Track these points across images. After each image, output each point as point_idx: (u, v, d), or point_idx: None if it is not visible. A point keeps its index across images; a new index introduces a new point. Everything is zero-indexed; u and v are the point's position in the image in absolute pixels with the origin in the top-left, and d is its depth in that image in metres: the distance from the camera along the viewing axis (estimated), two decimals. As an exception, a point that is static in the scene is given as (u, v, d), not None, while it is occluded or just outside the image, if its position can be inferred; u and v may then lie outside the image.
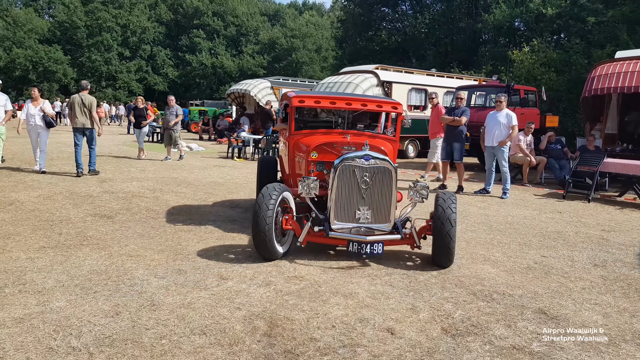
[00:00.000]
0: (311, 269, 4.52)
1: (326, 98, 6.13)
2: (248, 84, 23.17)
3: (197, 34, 58.37)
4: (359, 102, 6.09)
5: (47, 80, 52.12)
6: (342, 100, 6.09)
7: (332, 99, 6.12)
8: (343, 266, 4.67)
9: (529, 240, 6.17)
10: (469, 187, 10.44)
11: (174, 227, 6.01)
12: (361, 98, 6.30)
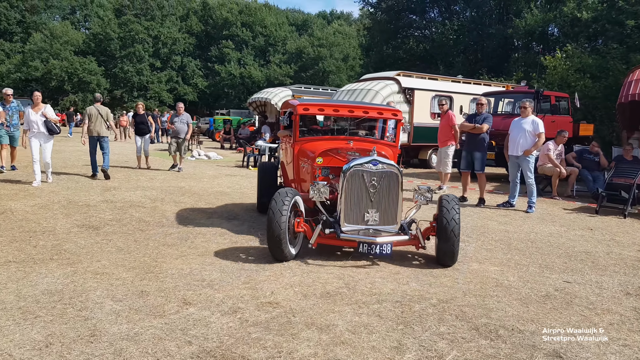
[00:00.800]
0: (290, 293, 3.97)
1: (329, 106, 6.38)
2: (269, 92, 22.89)
3: (226, 45, 58.86)
4: (360, 110, 6.30)
5: (82, 91, 53.35)
6: (344, 107, 6.32)
7: (335, 106, 6.36)
8: (330, 290, 4.10)
9: (552, 261, 5.45)
10: (492, 200, 9.71)
11: (158, 240, 5.57)
12: (363, 106, 6.46)
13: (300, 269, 4.64)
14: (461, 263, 5.16)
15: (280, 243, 4.65)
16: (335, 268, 4.73)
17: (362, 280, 4.41)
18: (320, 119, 8.13)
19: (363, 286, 4.25)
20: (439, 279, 4.57)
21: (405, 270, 4.79)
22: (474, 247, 5.95)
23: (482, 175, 9.27)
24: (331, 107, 6.38)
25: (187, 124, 12.64)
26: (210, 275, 4.33)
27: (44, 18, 59.76)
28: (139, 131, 12.92)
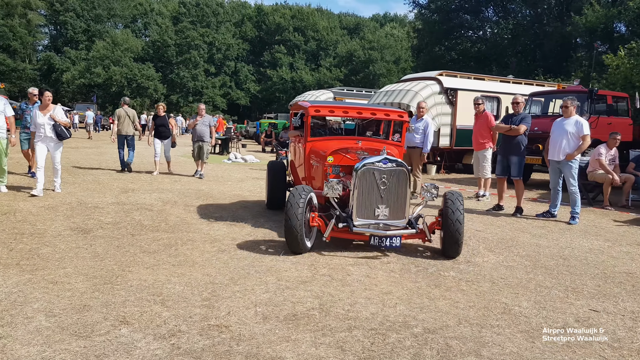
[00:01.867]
0: (249, 315, 3.45)
1: (339, 108, 6.77)
2: (311, 94, 22.55)
3: (279, 50, 59.38)
4: (368, 111, 6.76)
5: (140, 96, 55.41)
6: (353, 109, 6.73)
7: (345, 108, 6.77)
8: (298, 312, 3.55)
9: (583, 283, 4.63)
10: (533, 209, 8.80)
11: (141, 247, 5.21)
12: (370, 108, 6.91)
13: (276, 285, 4.12)
14: (470, 283, 4.46)
15: (297, 235, 4.90)
16: (316, 286, 4.17)
17: (342, 300, 3.83)
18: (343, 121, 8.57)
19: (340, 308, 3.67)
20: (435, 302, 3.91)
21: (399, 290, 4.16)
22: (493, 263, 5.20)
23: (519, 182, 8.38)
24: (341, 108, 6.74)
25: (209, 126, 11.84)
26: (171, 289, 3.89)
27: (108, 27, 62.60)
28: (158, 134, 11.88)
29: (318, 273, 4.52)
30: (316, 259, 4.99)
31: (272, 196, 7.63)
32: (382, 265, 4.89)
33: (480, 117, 9.94)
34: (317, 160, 6.24)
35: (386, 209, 5.10)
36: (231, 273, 4.39)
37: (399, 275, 4.60)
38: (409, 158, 9.89)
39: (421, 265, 4.96)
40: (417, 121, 9.91)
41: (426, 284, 4.38)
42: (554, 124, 8.10)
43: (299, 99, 23.08)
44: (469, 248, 5.80)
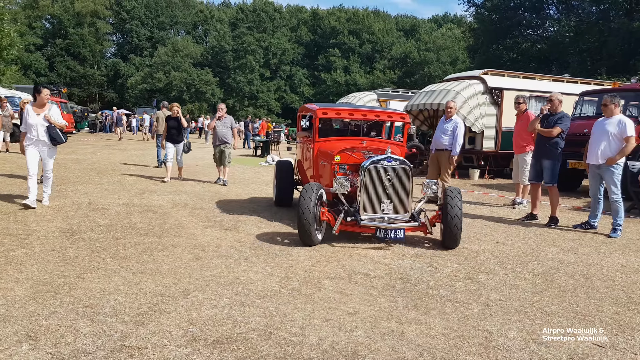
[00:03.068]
0: (171, 334, 3.06)
1: (345, 110, 7.25)
2: (354, 97, 22.08)
3: (333, 53, 59.27)
4: (372, 114, 7.14)
5: (198, 100, 57.02)
6: (358, 112, 7.09)
7: (351, 111, 7.20)
8: (238, 333, 3.13)
9: (598, 310, 3.90)
10: (575, 219, 7.91)
11: (116, 251, 4.98)
12: (375, 110, 7.33)
13: (230, 300, 3.71)
14: (459, 304, 3.87)
15: (310, 227, 5.22)
16: (275, 302, 3.73)
17: (294, 321, 3.37)
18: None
19: (286, 330, 3.21)
20: (404, 327, 3.37)
21: (368, 311, 3.64)
22: (497, 281, 4.54)
23: (553, 189, 7.53)
24: (347, 111, 7.21)
25: (230, 128, 10.77)
26: (111, 300, 3.59)
27: (170, 34, 65.04)
28: (170, 137, 10.80)
29: (286, 287, 4.08)
30: (295, 269, 4.55)
31: (279, 194, 8.05)
32: (365, 280, 4.38)
33: (521, 118, 9.13)
34: (325, 160, 6.53)
35: (391, 204, 5.46)
36: (189, 284, 4.03)
37: (378, 292, 4.08)
38: (437, 161, 9.22)
39: (410, 281, 4.40)
40: (445, 122, 9.21)
41: (405, 303, 3.83)
42: (594, 125, 7.21)
43: (343, 101, 22.69)
44: (477, 263, 5.16)
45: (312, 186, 5.46)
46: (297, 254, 5.14)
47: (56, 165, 12.57)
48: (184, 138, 11.04)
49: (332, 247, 5.48)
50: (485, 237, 6.46)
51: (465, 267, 4.98)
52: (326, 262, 4.91)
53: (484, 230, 6.88)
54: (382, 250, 5.46)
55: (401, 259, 5.15)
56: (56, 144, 7.21)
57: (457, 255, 5.42)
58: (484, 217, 7.95)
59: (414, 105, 15.52)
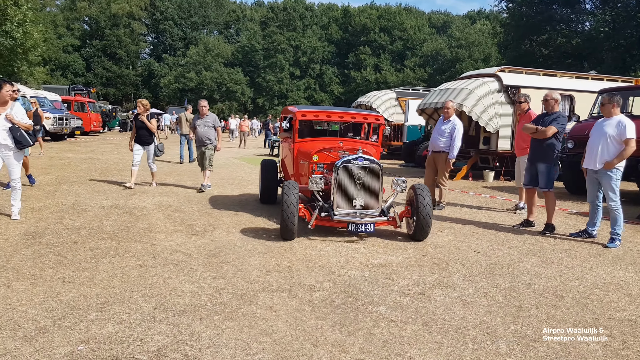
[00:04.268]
0: (52, 356, 2.89)
1: (323, 112, 7.53)
2: (372, 95, 21.69)
3: (364, 51, 58.74)
4: (349, 115, 7.52)
5: (228, 99, 57.62)
6: (336, 114, 7.50)
7: (328, 113, 7.52)
8: (128, 355, 2.93)
9: (548, 335, 3.51)
10: (579, 225, 7.39)
11: (61, 257, 4.87)
12: (351, 112, 7.63)
13: (141, 315, 3.52)
14: (395, 323, 3.56)
15: (292, 224, 5.60)
16: (189, 319, 3.52)
17: (198, 340, 3.14)
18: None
19: (183, 353, 2.99)
20: (317, 350, 3.09)
21: (288, 330, 3.38)
22: (452, 297, 4.18)
23: (549, 194, 7.04)
24: (324, 113, 7.50)
25: (214, 128, 9.71)
26: (12, 315, 3.44)
27: (203, 34, 65.94)
28: (138, 139, 9.63)
29: (215, 301, 3.86)
30: (237, 280, 4.33)
31: (264, 192, 8.37)
32: (306, 294, 4.11)
33: (523, 118, 8.62)
34: (304, 159, 6.90)
35: (362, 200, 5.89)
36: (113, 295, 3.87)
37: (311, 308, 3.80)
38: (434, 163, 8.83)
39: (354, 295, 4.11)
40: (443, 123, 8.81)
41: (333, 322, 3.55)
42: (593, 126, 6.68)
43: (362, 100, 22.32)
44: (442, 275, 4.80)
45: (292, 186, 5.79)
46: (250, 263, 4.92)
47: (64, 165, 12.87)
48: (155, 140, 9.85)
49: (293, 255, 5.24)
50: (467, 245, 6.07)
51: (425, 279, 4.64)
52: (276, 272, 4.67)
53: (469, 238, 6.48)
54: (343, 261, 5.17)
55: (359, 270, 4.85)
56: (22, 147, 6.37)
57: (423, 266, 5.08)
58: (477, 223, 7.52)
59: (427, 104, 15.06)
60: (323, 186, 5.98)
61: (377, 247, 5.80)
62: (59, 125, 21.59)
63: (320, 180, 5.95)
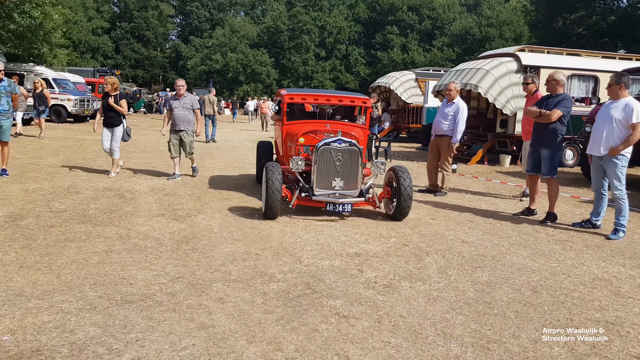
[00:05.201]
0: None
1: (311, 95, 7.50)
2: (391, 77, 21.15)
3: (391, 31, 57.44)
4: (336, 98, 7.48)
5: (254, 81, 57.48)
6: (323, 97, 7.46)
7: (316, 96, 7.49)
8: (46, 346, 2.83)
9: (515, 335, 3.26)
10: (580, 215, 6.99)
11: (31, 241, 4.83)
12: (338, 95, 7.61)
13: (81, 304, 3.43)
14: (345, 319, 3.36)
15: (275, 203, 5.80)
16: (130, 310, 3.40)
17: (123, 334, 3.02)
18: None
19: (104, 346, 2.87)
20: (251, 346, 2.93)
21: (229, 323, 3.23)
22: (420, 291, 3.95)
23: (552, 182, 6.65)
24: (312, 96, 7.49)
25: (192, 110, 8.68)
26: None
27: (229, 15, 65.75)
28: (105, 120, 8.74)
29: (165, 290, 3.74)
30: (198, 268, 4.20)
31: (260, 171, 8.37)
32: (264, 285, 3.94)
33: (530, 100, 8.14)
34: (291, 141, 6.96)
35: (341, 181, 6.06)
36: (62, 282, 3.79)
37: (262, 300, 3.64)
38: (437, 148, 8.50)
39: (314, 287, 3.93)
40: (446, 105, 8.44)
41: (280, 316, 3.37)
42: (600, 109, 6.24)
43: (380, 81, 21.82)
44: (417, 267, 4.57)
45: (275, 167, 6.00)
46: (219, 250, 4.79)
47: (75, 147, 13.00)
48: (123, 122, 8.88)
49: (268, 242, 5.09)
50: (456, 235, 5.79)
51: (397, 271, 4.41)
52: (242, 260, 4.52)
53: (461, 227, 6.19)
54: (317, 249, 4.98)
55: (330, 260, 4.66)
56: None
57: (400, 257, 4.84)
58: (476, 210, 7.20)
59: (443, 85, 14.54)
60: (303, 167, 6.12)
61: (360, 235, 5.59)
62: (80, 107, 21.88)
63: (301, 161, 6.10)
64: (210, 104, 16.79)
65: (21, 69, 22.00)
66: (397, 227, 6.01)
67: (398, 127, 21.00)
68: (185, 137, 8.72)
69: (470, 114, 15.61)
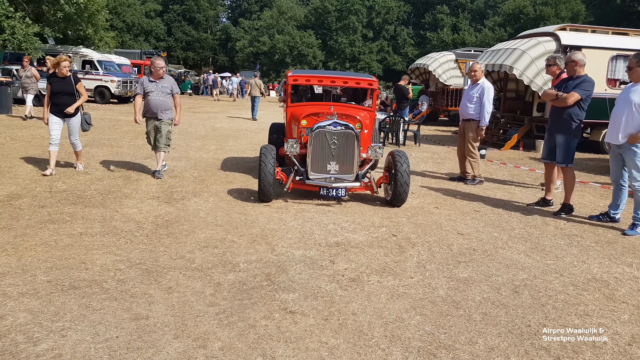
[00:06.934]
0: None
1: (315, 77, 7.39)
2: (429, 57, 20.39)
3: (441, 10, 55.59)
4: (341, 80, 7.20)
5: (300, 63, 57.27)
6: (327, 78, 7.27)
7: (320, 77, 7.35)
8: None
9: (471, 341, 2.97)
10: (597, 208, 6.45)
11: (13, 222, 4.89)
12: (343, 77, 7.24)
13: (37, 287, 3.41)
14: (289, 315, 3.17)
15: (268, 188, 5.77)
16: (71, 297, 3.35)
17: (48, 322, 2.97)
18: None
19: (24, 334, 2.82)
20: (168, 346, 2.80)
21: (163, 316, 3.11)
22: (387, 285, 3.69)
23: (567, 170, 6.14)
24: (316, 77, 7.37)
25: (171, 95, 7.25)
26: None
27: (277, -3, 65.54)
28: (56, 108, 7.12)
29: (116, 277, 3.68)
30: (164, 254, 4.12)
31: None
32: (224, 275, 3.81)
33: (554, 83, 7.53)
34: (294, 123, 6.87)
35: (336, 165, 5.92)
36: (19, 266, 3.78)
37: (212, 292, 3.50)
38: (464, 132, 7.99)
39: (274, 279, 3.75)
40: (471, 87, 7.94)
41: (222, 309, 3.23)
42: (620, 94, 5.66)
43: (419, 62, 21.13)
44: (397, 259, 4.31)
45: (269, 150, 5.93)
46: (195, 236, 4.70)
47: (107, 127, 13.31)
48: (80, 110, 7.43)
49: (250, 229, 4.95)
50: (453, 226, 5.45)
51: (372, 263, 4.17)
52: (213, 247, 4.41)
53: (463, 217, 5.82)
54: (297, 237, 4.80)
55: (306, 249, 4.46)
56: None
57: (382, 248, 4.59)
58: (487, 199, 6.79)
59: (475, 67, 13.82)
60: (298, 150, 6.03)
61: (350, 223, 5.35)
62: (123, 89, 22.49)
63: (296, 144, 6.01)
64: (256, 86, 18.78)
65: (68, 50, 22.85)
66: (393, 215, 5.73)
67: (436, 110, 20.33)
68: (163, 127, 7.19)
69: (508, 97, 14.93)
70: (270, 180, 5.75)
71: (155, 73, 7.17)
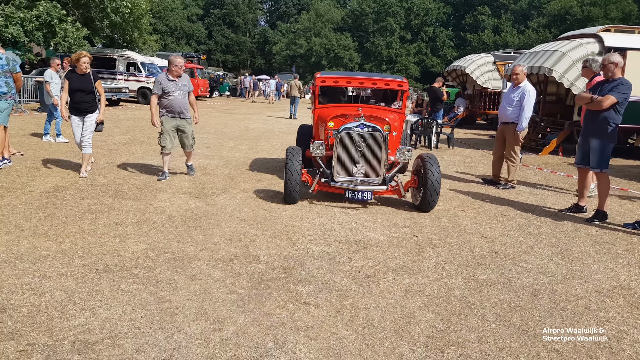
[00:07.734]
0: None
1: (343, 78, 7.26)
2: (467, 59, 20.11)
3: (482, 11, 54.70)
4: (370, 81, 7.13)
5: (335, 65, 57.52)
6: (356, 79, 7.22)
7: (348, 78, 7.27)
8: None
9: (481, 340, 3.00)
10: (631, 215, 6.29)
11: (55, 211, 5.20)
12: (372, 78, 7.18)
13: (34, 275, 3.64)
14: (306, 305, 3.28)
15: (294, 188, 5.76)
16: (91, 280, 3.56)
17: (61, 304, 3.17)
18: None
19: (45, 315, 3.03)
20: (178, 333, 2.96)
21: (185, 301, 3.28)
22: (402, 284, 3.76)
23: (602, 176, 6.01)
24: (344, 79, 7.24)
25: (188, 93, 7.03)
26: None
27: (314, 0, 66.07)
28: (74, 106, 6.93)
29: (145, 264, 3.87)
30: (191, 245, 4.31)
31: None
32: (244, 266, 3.96)
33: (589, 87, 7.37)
34: (322, 125, 6.88)
35: (363, 168, 5.86)
36: (58, 250, 4.05)
37: (232, 281, 3.65)
38: (503, 136, 7.88)
39: (292, 272, 3.87)
40: (512, 90, 7.81)
41: (240, 297, 3.36)
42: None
43: (456, 64, 20.89)
44: (416, 259, 4.35)
45: (296, 151, 5.93)
46: (221, 230, 4.87)
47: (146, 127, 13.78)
48: (98, 108, 7.08)
49: (273, 224, 5.09)
50: (478, 229, 5.42)
51: (389, 262, 4.23)
52: (237, 240, 4.56)
53: (490, 221, 5.79)
54: (319, 234, 4.90)
55: (325, 245, 4.56)
56: None
57: (402, 248, 4.63)
58: (518, 204, 6.70)
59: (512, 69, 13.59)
60: (324, 152, 6.06)
61: (372, 223, 5.42)
62: (164, 89, 23.16)
63: (322, 146, 6.04)
64: (296, 87, 20.58)
65: (114, 53, 23.77)
66: (416, 217, 5.75)
67: (473, 113, 20.05)
68: (187, 126, 7.08)
69: (548, 100, 14.59)
70: (296, 181, 5.73)
71: (176, 71, 6.92)
